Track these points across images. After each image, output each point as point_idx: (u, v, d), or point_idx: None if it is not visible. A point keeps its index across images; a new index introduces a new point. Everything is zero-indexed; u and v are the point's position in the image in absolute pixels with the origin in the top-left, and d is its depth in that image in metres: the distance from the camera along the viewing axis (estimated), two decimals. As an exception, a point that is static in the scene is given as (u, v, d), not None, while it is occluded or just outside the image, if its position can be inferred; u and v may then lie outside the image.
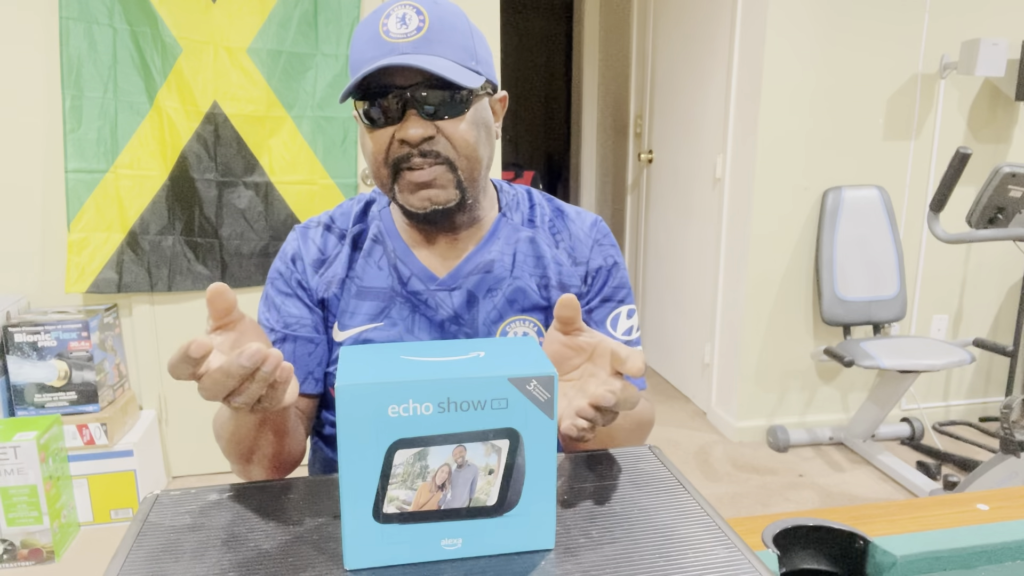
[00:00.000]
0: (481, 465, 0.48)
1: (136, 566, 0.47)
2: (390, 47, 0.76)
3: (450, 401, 0.46)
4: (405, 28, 0.76)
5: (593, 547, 0.49)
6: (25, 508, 2.01)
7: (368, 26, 0.79)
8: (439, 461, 0.47)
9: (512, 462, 0.48)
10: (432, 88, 0.77)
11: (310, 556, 0.48)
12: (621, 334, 0.92)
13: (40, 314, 2.19)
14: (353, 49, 0.80)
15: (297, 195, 2.38)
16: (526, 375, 0.47)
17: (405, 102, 0.78)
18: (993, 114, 2.79)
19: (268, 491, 0.58)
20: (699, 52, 3.01)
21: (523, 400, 0.47)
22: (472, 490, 0.48)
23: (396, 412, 0.45)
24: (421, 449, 0.46)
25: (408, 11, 0.77)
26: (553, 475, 0.50)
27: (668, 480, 0.57)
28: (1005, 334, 3.01)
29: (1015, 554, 0.69)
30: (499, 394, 0.47)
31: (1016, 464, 2.10)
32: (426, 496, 0.47)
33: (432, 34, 0.77)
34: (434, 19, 0.78)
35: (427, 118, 0.78)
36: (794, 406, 2.90)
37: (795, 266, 2.77)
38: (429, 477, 0.47)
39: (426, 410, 0.46)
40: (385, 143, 0.80)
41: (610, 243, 0.95)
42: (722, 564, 0.46)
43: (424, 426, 0.46)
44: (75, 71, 2.15)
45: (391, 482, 0.47)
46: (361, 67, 0.78)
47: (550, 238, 0.93)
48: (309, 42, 2.30)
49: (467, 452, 0.47)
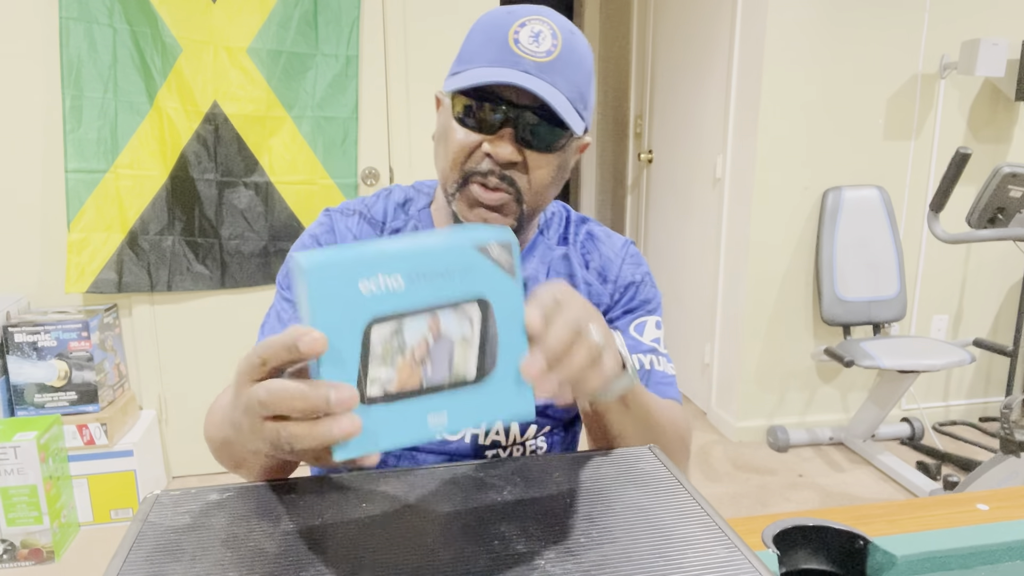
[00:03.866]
0: (456, 336, 0.48)
1: (136, 566, 0.47)
2: (515, 59, 0.73)
3: (418, 272, 0.46)
4: (536, 46, 0.74)
5: (593, 547, 0.49)
6: (25, 508, 2.01)
7: (496, 26, 0.76)
8: (416, 336, 0.47)
9: (485, 330, 0.49)
10: (539, 117, 0.75)
11: (310, 556, 0.48)
12: (649, 341, 0.89)
13: (40, 314, 2.20)
14: (472, 40, 0.77)
15: (297, 195, 2.38)
16: (487, 241, 0.48)
17: (507, 119, 0.75)
18: (993, 114, 2.80)
19: (268, 491, 0.58)
20: (699, 52, 3.01)
21: (488, 265, 0.48)
22: (451, 362, 0.48)
23: (368, 289, 0.45)
24: (397, 324, 0.46)
25: (544, 29, 0.74)
26: (524, 340, 0.50)
27: (668, 480, 0.57)
28: (1005, 334, 3.01)
29: (1015, 554, 0.69)
30: (464, 261, 0.47)
31: (1016, 464, 2.10)
32: (407, 373, 0.47)
33: (559, 63, 0.74)
34: (566, 48, 0.75)
35: (519, 143, 0.76)
36: (794, 406, 2.90)
37: (795, 266, 2.77)
38: (408, 353, 0.47)
39: (396, 283, 0.45)
40: (468, 147, 0.77)
41: (638, 262, 0.93)
42: (722, 564, 0.46)
43: (397, 301, 0.46)
44: (75, 71, 2.15)
45: (371, 361, 0.46)
46: (480, 65, 0.75)
47: (580, 258, 0.91)
48: (309, 42, 2.30)
49: (441, 324, 0.47)
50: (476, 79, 0.73)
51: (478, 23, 0.78)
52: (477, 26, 0.78)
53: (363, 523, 0.53)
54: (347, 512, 0.54)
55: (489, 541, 0.50)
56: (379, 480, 0.59)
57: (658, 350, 0.89)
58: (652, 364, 0.86)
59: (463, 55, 0.78)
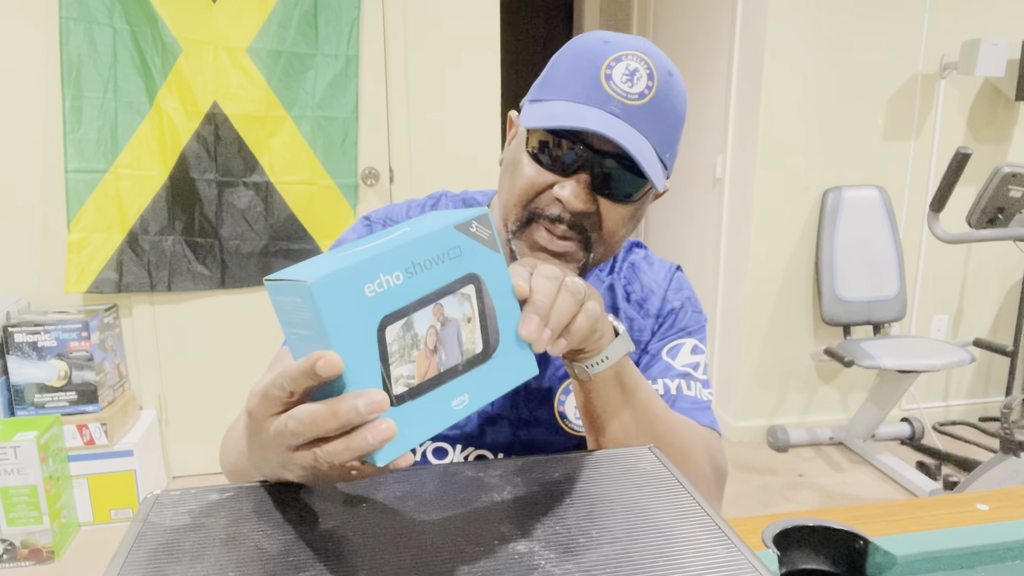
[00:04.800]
0: (459, 317, 0.50)
1: (136, 566, 0.47)
2: (604, 98, 0.67)
3: (414, 264, 0.47)
4: (630, 86, 0.67)
5: (593, 547, 0.49)
6: (25, 508, 2.01)
7: (588, 56, 0.69)
8: (424, 326, 0.48)
9: (482, 305, 0.51)
10: (619, 164, 0.68)
11: (310, 556, 0.48)
12: (681, 366, 0.82)
13: (40, 314, 2.20)
14: (560, 67, 0.71)
15: (297, 195, 2.38)
16: (466, 219, 0.50)
17: (585, 163, 0.69)
18: (993, 114, 2.80)
19: (268, 491, 0.58)
20: (699, 52, 3.01)
21: (471, 243, 0.50)
22: (460, 343, 0.50)
23: (372, 290, 0.45)
24: (406, 319, 0.47)
25: (640, 68, 0.68)
26: (516, 305, 0.53)
27: (668, 480, 0.57)
28: (1005, 334, 3.01)
29: (1015, 554, 0.69)
30: (451, 244, 0.49)
31: (1016, 464, 2.10)
32: (425, 364, 0.48)
33: (651, 108, 0.68)
34: (660, 91, 0.68)
35: (595, 190, 0.70)
36: (794, 406, 2.90)
37: (795, 266, 2.77)
38: (422, 344, 0.48)
39: (397, 280, 0.46)
40: (538, 187, 0.70)
41: (679, 287, 0.88)
42: (722, 564, 0.46)
43: (401, 296, 0.47)
44: (75, 71, 2.15)
45: (391, 361, 0.46)
46: (565, 99, 0.69)
47: (623, 290, 0.87)
48: (309, 42, 2.30)
49: (445, 308, 0.49)
50: (558, 120, 0.66)
51: (569, 47, 0.72)
52: (567, 51, 0.71)
53: (363, 523, 0.53)
54: (347, 512, 0.54)
55: (489, 541, 0.50)
56: (379, 480, 0.59)
57: (692, 375, 0.82)
58: (680, 388, 0.80)
59: (548, 81, 0.72)
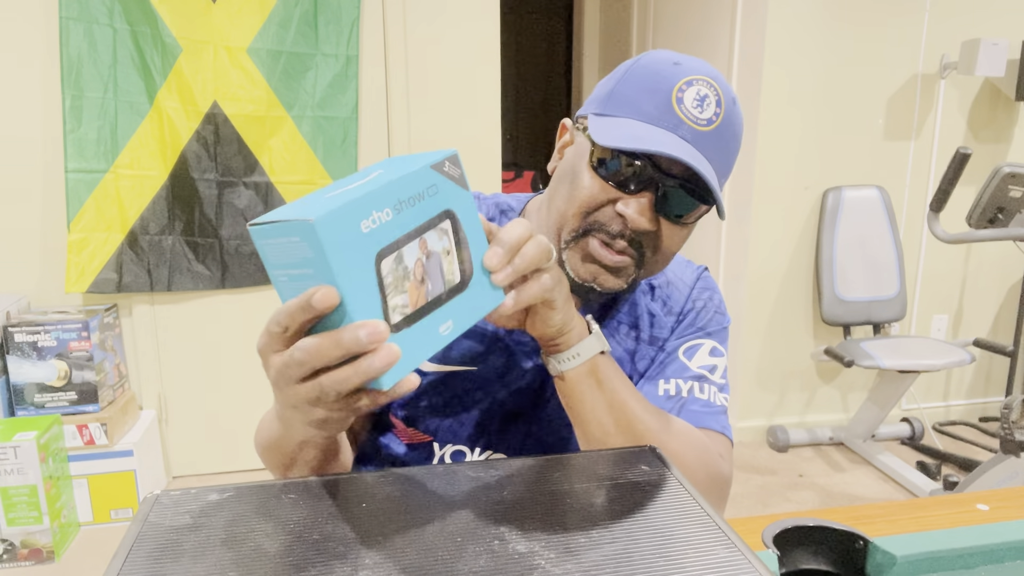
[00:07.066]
0: (440, 250, 0.53)
1: (136, 566, 0.47)
2: (676, 122, 0.68)
3: (400, 201, 0.50)
4: (700, 112, 0.68)
5: (593, 547, 0.49)
6: (25, 508, 2.01)
7: (659, 77, 0.70)
8: (413, 258, 0.51)
9: (458, 239, 0.55)
10: (682, 190, 0.69)
11: (310, 556, 0.49)
12: (697, 367, 0.81)
13: (40, 314, 2.20)
14: (630, 84, 0.71)
15: (297, 195, 2.38)
16: (440, 159, 0.53)
17: (651, 184, 0.69)
18: (993, 114, 2.80)
19: (268, 491, 0.58)
20: (699, 52, 3.01)
21: (446, 182, 0.54)
22: (442, 274, 0.54)
23: (368, 226, 0.48)
24: (397, 253, 0.50)
25: (710, 94, 0.69)
26: (484, 240, 0.57)
27: (668, 480, 0.57)
28: (1005, 334, 3.01)
29: (1015, 554, 0.69)
30: (429, 182, 0.52)
31: (1016, 464, 2.10)
32: (415, 294, 0.52)
33: (718, 135, 0.69)
34: (726, 120, 0.70)
35: (656, 209, 0.70)
36: (794, 406, 2.90)
37: (795, 266, 2.77)
38: (411, 276, 0.51)
39: (387, 216, 0.49)
40: (600, 201, 0.70)
41: (705, 287, 0.87)
42: (722, 564, 0.46)
43: (392, 231, 0.50)
44: (75, 71, 2.15)
45: (387, 292, 0.50)
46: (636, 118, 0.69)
47: (647, 285, 0.86)
48: (309, 42, 2.30)
49: (428, 242, 0.52)
50: (636, 142, 0.66)
51: (638, 64, 0.72)
52: (637, 69, 0.72)
53: (363, 523, 0.53)
54: (347, 512, 0.54)
55: (489, 541, 0.50)
56: (379, 480, 0.59)
57: (707, 378, 0.81)
58: (692, 391, 0.79)
59: (616, 97, 0.72)
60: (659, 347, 0.84)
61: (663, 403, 0.78)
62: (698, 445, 0.73)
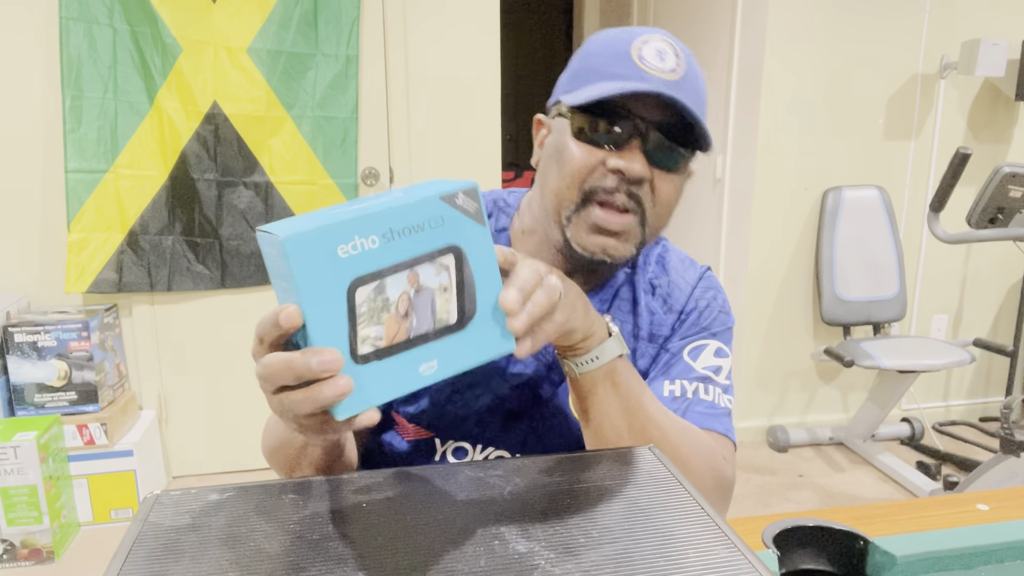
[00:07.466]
0: (435, 286, 0.50)
1: (136, 566, 0.47)
2: (641, 75, 0.70)
3: (392, 230, 0.48)
4: (661, 63, 0.71)
5: (593, 547, 0.49)
6: (25, 508, 2.01)
7: (616, 43, 0.73)
8: (397, 291, 0.49)
9: (461, 277, 0.51)
10: (670, 133, 0.71)
11: (310, 556, 0.49)
12: (702, 368, 0.81)
13: (40, 314, 2.20)
14: (590, 57, 0.74)
15: (297, 195, 2.38)
16: (453, 191, 0.50)
17: (635, 133, 0.71)
18: (993, 114, 2.80)
19: (268, 491, 0.58)
20: (699, 52, 3.01)
21: (456, 215, 0.50)
22: (434, 311, 0.50)
23: (346, 251, 0.46)
24: (379, 283, 0.48)
25: (665, 48, 0.72)
26: (499, 280, 0.53)
27: (668, 480, 0.57)
28: (1005, 334, 3.01)
29: (1015, 554, 0.69)
30: (434, 214, 0.49)
31: (1016, 464, 2.10)
32: (394, 328, 0.49)
33: (684, 82, 0.71)
34: (689, 69, 0.72)
35: (647, 159, 0.71)
36: (794, 406, 2.90)
37: (795, 266, 2.77)
38: (392, 308, 0.49)
39: (372, 243, 0.47)
40: (591, 165, 0.71)
41: (708, 286, 0.87)
42: (722, 564, 0.46)
43: (375, 260, 0.48)
44: (75, 71, 2.15)
45: (359, 321, 0.48)
46: (609, 80, 0.71)
47: (647, 283, 0.85)
48: (309, 42, 2.30)
49: (420, 276, 0.49)
50: (615, 89, 0.69)
51: (592, 42, 0.75)
52: (593, 45, 0.75)
53: (363, 523, 0.53)
54: (347, 512, 0.54)
55: (489, 541, 0.50)
56: (379, 480, 0.59)
57: (712, 379, 0.80)
58: (697, 392, 0.79)
59: (579, 72, 0.74)
60: (660, 345, 0.84)
61: (668, 404, 0.78)
62: (705, 449, 0.73)
